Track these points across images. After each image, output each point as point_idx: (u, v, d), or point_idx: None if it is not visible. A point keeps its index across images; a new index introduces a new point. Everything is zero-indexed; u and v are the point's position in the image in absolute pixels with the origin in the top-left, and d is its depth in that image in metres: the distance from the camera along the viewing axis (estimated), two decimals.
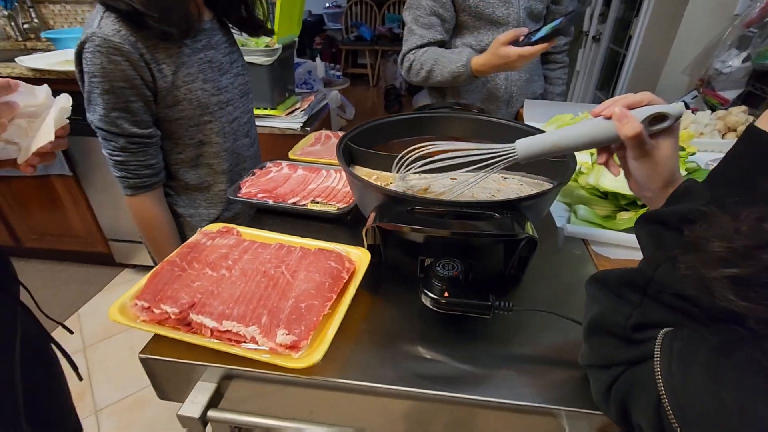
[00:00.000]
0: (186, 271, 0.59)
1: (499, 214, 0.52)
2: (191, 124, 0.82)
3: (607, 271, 0.43)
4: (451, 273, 0.52)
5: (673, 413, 0.30)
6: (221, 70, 0.85)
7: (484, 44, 1.17)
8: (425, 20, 1.16)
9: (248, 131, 0.94)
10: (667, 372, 0.31)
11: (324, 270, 0.58)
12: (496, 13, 1.13)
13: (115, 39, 0.69)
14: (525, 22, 1.16)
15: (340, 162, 0.64)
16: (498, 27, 1.15)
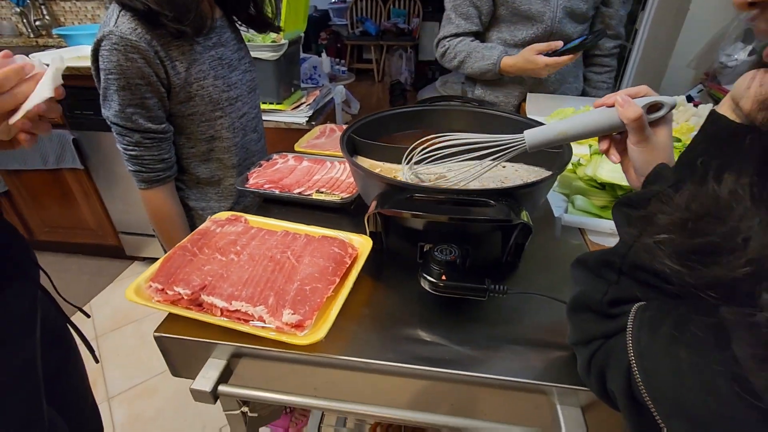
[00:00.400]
0: (197, 256, 0.62)
1: (495, 201, 0.54)
2: (203, 120, 0.85)
3: (588, 253, 0.46)
4: (448, 257, 0.55)
5: (639, 377, 0.33)
6: (231, 66, 0.87)
7: (518, 39, 1.21)
8: (464, 10, 1.20)
9: (256, 126, 0.97)
10: (636, 339, 0.34)
11: (328, 255, 0.61)
12: (532, 9, 1.15)
13: (132, 37, 0.71)
14: (561, 21, 1.17)
15: (343, 153, 0.67)
16: (533, 23, 1.17)
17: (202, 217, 0.97)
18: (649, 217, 0.35)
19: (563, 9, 1.15)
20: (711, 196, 0.30)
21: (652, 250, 0.34)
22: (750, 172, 0.28)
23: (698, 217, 0.31)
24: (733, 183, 0.29)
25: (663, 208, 0.34)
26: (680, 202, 0.33)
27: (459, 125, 0.87)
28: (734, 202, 0.28)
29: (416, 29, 4.76)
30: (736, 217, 0.28)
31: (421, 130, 0.87)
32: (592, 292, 0.42)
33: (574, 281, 0.47)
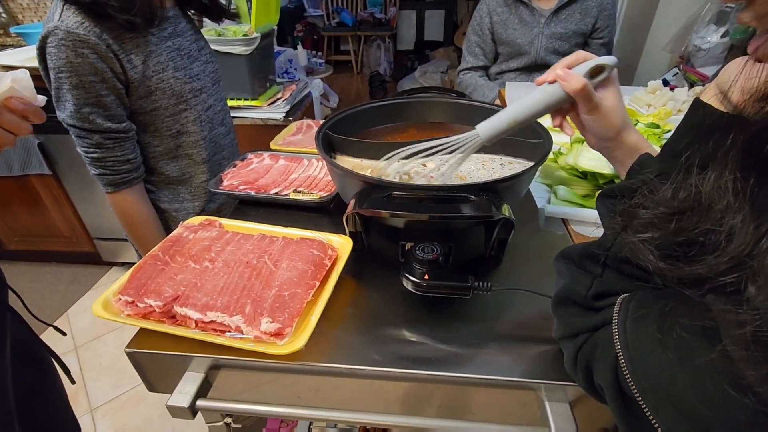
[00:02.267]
0: (169, 265, 0.59)
1: (476, 197, 0.53)
2: (167, 114, 0.81)
3: (571, 246, 0.45)
4: (430, 256, 0.53)
5: (627, 369, 0.32)
6: (191, 57, 0.83)
7: (511, 68, 1.62)
8: (472, 50, 1.68)
9: (223, 119, 0.93)
10: (623, 330, 0.34)
11: (306, 258, 0.59)
12: (522, 47, 1.55)
13: (80, 31, 0.67)
14: (544, 56, 1.53)
15: (319, 151, 0.64)
16: (522, 56, 1.57)
17: (176, 219, 0.93)
18: (633, 211, 0.35)
19: (545, 48, 1.52)
20: (694, 191, 0.30)
21: (635, 246, 0.33)
22: (733, 168, 0.27)
23: (681, 212, 0.30)
24: (716, 178, 0.28)
25: (646, 202, 0.33)
26: (664, 196, 0.32)
27: (439, 117, 0.85)
28: (717, 197, 0.28)
29: (393, 18, 4.70)
30: (719, 213, 0.28)
31: (401, 123, 0.85)
32: (577, 285, 0.41)
33: (558, 275, 0.46)
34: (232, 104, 1.65)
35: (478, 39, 1.66)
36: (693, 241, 0.29)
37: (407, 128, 0.85)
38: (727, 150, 0.27)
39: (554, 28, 1.51)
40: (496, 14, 1.60)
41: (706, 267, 0.27)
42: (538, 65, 1.56)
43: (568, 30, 1.50)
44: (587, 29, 1.50)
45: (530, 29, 1.54)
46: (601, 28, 1.50)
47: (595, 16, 1.48)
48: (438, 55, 4.59)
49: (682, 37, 1.93)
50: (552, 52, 1.53)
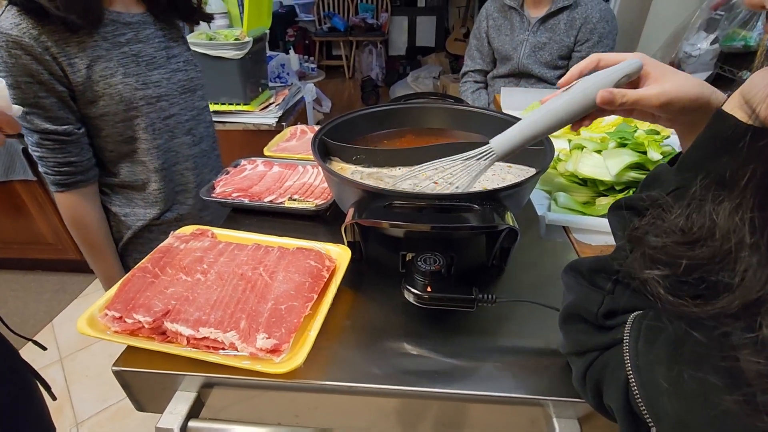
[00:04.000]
0: (159, 278, 0.57)
1: (479, 206, 0.51)
2: (117, 120, 0.79)
3: (581, 259, 0.43)
4: (432, 267, 0.52)
5: (638, 391, 0.31)
6: (152, 64, 0.81)
7: (500, 73, 1.66)
8: (471, 53, 1.74)
9: (191, 129, 0.89)
10: (634, 351, 0.32)
11: (303, 269, 0.57)
12: (508, 53, 1.60)
13: (14, 32, 0.67)
14: (527, 64, 1.56)
15: (315, 158, 0.62)
16: (507, 62, 1.62)
17: (125, 223, 0.91)
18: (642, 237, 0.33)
19: (527, 56, 1.55)
20: (708, 223, 0.28)
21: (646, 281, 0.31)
22: (752, 203, 0.26)
23: (693, 242, 0.29)
24: (732, 211, 0.27)
25: (656, 229, 0.32)
26: (675, 223, 0.30)
27: (435, 123, 0.84)
28: (732, 232, 0.26)
29: (385, 24, 4.71)
30: (733, 250, 0.26)
31: (398, 129, 0.83)
32: (586, 302, 0.39)
33: (567, 289, 0.44)
34: (223, 109, 1.62)
35: (477, 43, 1.70)
36: (705, 279, 0.28)
37: (404, 134, 0.83)
38: (747, 181, 0.26)
39: (539, 36, 1.53)
40: (492, 19, 1.62)
41: (717, 307, 0.26)
42: (521, 72, 1.59)
43: (551, 40, 1.51)
44: (570, 42, 1.51)
45: (517, 35, 1.56)
46: (581, 41, 1.50)
47: (578, 28, 1.48)
48: (430, 61, 4.60)
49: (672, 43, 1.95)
50: (534, 60, 1.55)
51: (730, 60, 1.76)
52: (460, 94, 1.81)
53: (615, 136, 0.74)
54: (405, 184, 0.62)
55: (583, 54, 1.51)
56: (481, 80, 1.77)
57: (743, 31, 1.61)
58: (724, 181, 0.28)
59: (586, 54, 1.50)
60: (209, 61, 1.53)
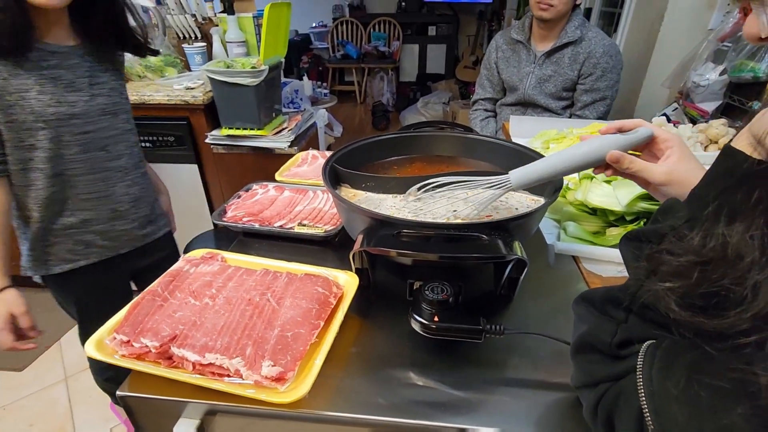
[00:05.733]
0: (168, 301, 0.57)
1: (487, 236, 0.51)
2: (23, 128, 0.84)
3: (593, 290, 0.43)
4: (440, 296, 0.51)
5: (652, 421, 0.30)
6: (71, 87, 0.87)
7: (508, 102, 1.71)
8: (481, 82, 1.78)
9: (106, 146, 0.95)
10: (648, 379, 0.32)
11: (311, 296, 0.57)
12: (514, 83, 1.65)
13: None
14: (532, 95, 1.60)
15: (326, 185, 0.63)
16: (514, 92, 1.67)
17: (25, 222, 0.95)
18: (660, 257, 0.33)
19: (533, 87, 1.60)
20: (721, 242, 0.29)
21: (657, 294, 0.32)
22: (762, 222, 0.27)
23: (707, 262, 0.30)
24: (744, 230, 0.28)
25: (674, 248, 0.32)
26: (691, 243, 0.31)
27: (446, 151, 0.85)
28: (744, 251, 0.28)
29: (397, 51, 4.83)
30: (745, 267, 0.28)
31: (408, 157, 0.84)
32: (599, 332, 0.39)
33: (578, 319, 0.44)
34: (238, 133, 1.66)
35: (487, 72, 1.75)
36: (716, 293, 0.29)
37: (414, 161, 0.84)
38: (756, 202, 0.27)
39: (544, 69, 1.57)
40: (501, 50, 1.67)
41: (728, 322, 0.27)
42: (527, 102, 1.64)
43: (556, 73, 1.56)
44: (574, 75, 1.55)
45: (523, 68, 1.61)
46: (584, 74, 1.54)
47: (582, 62, 1.52)
48: (440, 87, 4.68)
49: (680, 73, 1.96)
50: (539, 91, 1.59)
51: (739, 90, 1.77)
52: (469, 120, 1.84)
53: None
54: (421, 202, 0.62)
55: (586, 87, 1.55)
56: (491, 108, 1.81)
57: (751, 63, 1.62)
58: (736, 207, 0.29)
59: (589, 87, 1.54)
60: (226, 88, 1.58)
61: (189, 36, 2.00)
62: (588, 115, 1.59)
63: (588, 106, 1.57)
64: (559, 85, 1.57)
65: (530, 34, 1.60)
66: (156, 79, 1.82)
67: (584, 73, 1.54)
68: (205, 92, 1.66)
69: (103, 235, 0.98)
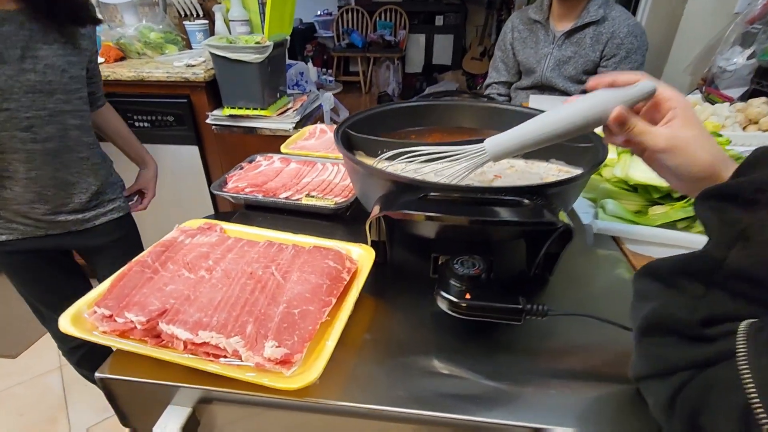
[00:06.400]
0: (158, 273, 0.50)
1: (529, 200, 0.44)
2: None
3: (658, 260, 0.36)
4: (471, 271, 0.44)
5: None
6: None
7: (523, 85, 1.61)
8: (495, 65, 1.69)
9: (31, 127, 0.85)
10: (757, 368, 0.26)
11: (321, 270, 0.50)
12: (531, 65, 1.55)
13: None
14: (550, 78, 1.51)
15: (338, 147, 0.56)
16: (531, 74, 1.56)
17: None
18: (758, 218, 0.26)
19: (551, 69, 1.50)
20: None
21: None
22: None
23: None
24: None
25: None
26: None
27: (466, 122, 0.77)
28: None
29: (403, 41, 4.73)
30: None
31: (426, 127, 0.77)
32: (675, 309, 0.32)
33: (639, 298, 0.36)
34: (240, 113, 1.59)
35: (502, 54, 1.65)
36: None
37: (432, 132, 0.77)
38: None
39: (564, 50, 1.48)
40: (517, 31, 1.58)
41: None
42: (544, 85, 1.55)
43: (577, 54, 1.47)
44: (596, 56, 1.45)
45: (541, 49, 1.52)
46: (607, 56, 1.44)
47: (604, 43, 1.43)
48: (447, 77, 4.59)
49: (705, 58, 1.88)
50: (558, 74, 1.50)
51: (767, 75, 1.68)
52: None
53: None
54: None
55: (608, 70, 1.45)
56: (505, 93, 1.72)
57: None
58: None
59: (612, 70, 1.44)
60: (228, 65, 1.50)
61: (190, 13, 1.92)
62: None
63: None
64: (579, 67, 1.48)
65: (549, 13, 1.52)
66: (156, 56, 1.74)
67: (607, 55, 1.45)
68: (206, 69, 1.59)
69: (23, 216, 0.90)
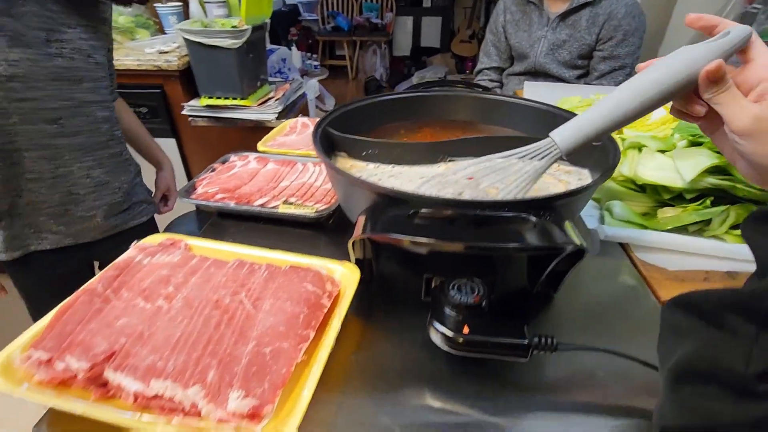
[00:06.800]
0: (110, 303, 0.44)
1: (536, 217, 0.38)
2: None
3: (699, 292, 0.30)
4: (470, 299, 0.38)
5: None
6: (16, 41, 0.70)
7: (516, 71, 1.53)
8: (486, 49, 1.61)
9: (59, 119, 0.79)
10: None
11: (298, 296, 0.43)
12: (524, 50, 1.47)
13: None
14: (544, 64, 1.43)
15: (317, 151, 0.49)
16: (523, 60, 1.49)
17: None
18: None
19: (545, 54, 1.42)
20: None
21: None
22: None
23: None
24: None
25: None
26: None
27: (460, 114, 0.71)
28: None
29: (390, 24, 4.59)
30: None
31: (415, 121, 0.70)
32: (723, 354, 0.26)
33: (674, 332, 0.31)
34: (218, 104, 1.49)
35: (493, 38, 1.57)
36: None
37: (422, 127, 0.70)
38: None
39: (558, 33, 1.40)
40: (509, 13, 1.50)
41: None
42: (537, 71, 1.47)
43: (572, 37, 1.39)
44: (592, 40, 1.37)
45: (535, 32, 1.44)
46: (603, 39, 1.36)
47: (601, 25, 1.35)
48: (435, 61, 4.48)
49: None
50: (552, 59, 1.42)
51: None
52: None
53: (685, 133, 0.60)
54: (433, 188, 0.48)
55: (604, 54, 1.37)
56: (497, 79, 1.65)
57: None
58: None
59: (608, 54, 1.37)
60: (203, 51, 1.41)
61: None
62: (605, 85, 1.44)
63: (605, 76, 1.42)
64: (574, 51, 1.41)
65: None
66: (126, 42, 1.63)
67: (603, 38, 1.37)
68: (180, 56, 1.49)
69: (56, 219, 0.82)
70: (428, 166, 0.57)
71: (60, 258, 0.86)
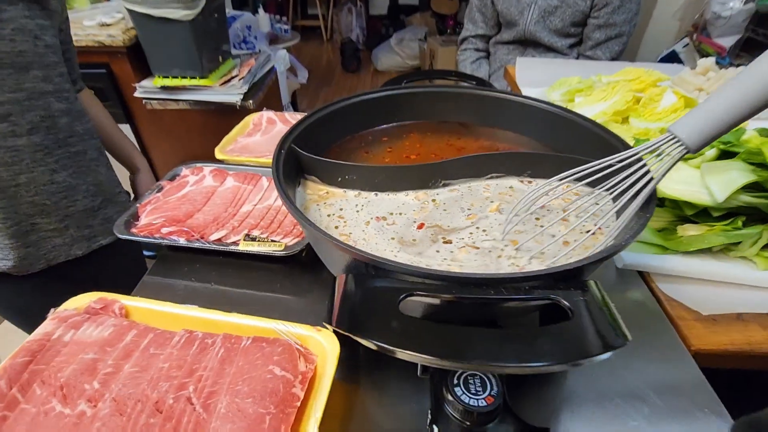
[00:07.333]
0: (17, 408, 0.34)
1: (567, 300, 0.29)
2: None
3: None
4: (482, 400, 0.30)
5: None
6: None
7: (504, 39, 1.42)
8: (471, 15, 1.49)
9: (8, 115, 0.66)
10: None
11: (263, 387, 0.34)
12: (513, 17, 1.35)
13: None
14: (534, 32, 1.32)
15: (278, 190, 0.38)
16: (512, 27, 1.37)
17: None
18: None
19: (535, 21, 1.31)
20: None
21: None
22: None
23: None
24: None
25: None
26: None
27: (452, 115, 0.60)
28: None
29: None
30: None
31: (397, 125, 0.59)
32: None
33: None
34: (175, 84, 1.33)
35: (479, 3, 1.44)
36: None
37: (409, 132, 0.59)
38: None
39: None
40: None
41: None
42: (527, 40, 1.36)
43: (564, 3, 1.27)
44: (585, 6, 1.27)
45: None
46: (598, 5, 1.26)
47: None
48: (414, 21, 4.23)
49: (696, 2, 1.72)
50: (543, 27, 1.32)
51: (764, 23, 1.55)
52: (457, 63, 1.55)
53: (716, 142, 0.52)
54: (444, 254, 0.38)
55: (600, 21, 1.26)
56: (483, 48, 1.52)
57: None
58: None
59: (604, 21, 1.26)
60: (153, 24, 1.23)
61: None
62: (600, 55, 1.33)
63: (600, 45, 1.31)
64: (566, 18, 1.29)
65: None
66: None
67: (598, 4, 1.26)
68: (125, 30, 1.30)
69: (21, 238, 0.69)
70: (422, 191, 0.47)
71: (20, 285, 0.74)
